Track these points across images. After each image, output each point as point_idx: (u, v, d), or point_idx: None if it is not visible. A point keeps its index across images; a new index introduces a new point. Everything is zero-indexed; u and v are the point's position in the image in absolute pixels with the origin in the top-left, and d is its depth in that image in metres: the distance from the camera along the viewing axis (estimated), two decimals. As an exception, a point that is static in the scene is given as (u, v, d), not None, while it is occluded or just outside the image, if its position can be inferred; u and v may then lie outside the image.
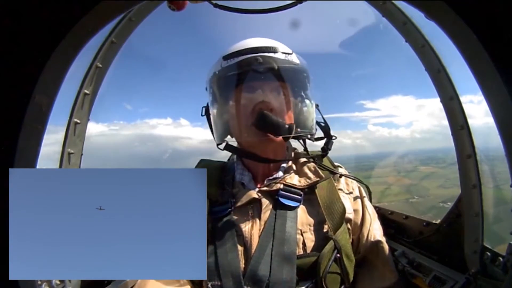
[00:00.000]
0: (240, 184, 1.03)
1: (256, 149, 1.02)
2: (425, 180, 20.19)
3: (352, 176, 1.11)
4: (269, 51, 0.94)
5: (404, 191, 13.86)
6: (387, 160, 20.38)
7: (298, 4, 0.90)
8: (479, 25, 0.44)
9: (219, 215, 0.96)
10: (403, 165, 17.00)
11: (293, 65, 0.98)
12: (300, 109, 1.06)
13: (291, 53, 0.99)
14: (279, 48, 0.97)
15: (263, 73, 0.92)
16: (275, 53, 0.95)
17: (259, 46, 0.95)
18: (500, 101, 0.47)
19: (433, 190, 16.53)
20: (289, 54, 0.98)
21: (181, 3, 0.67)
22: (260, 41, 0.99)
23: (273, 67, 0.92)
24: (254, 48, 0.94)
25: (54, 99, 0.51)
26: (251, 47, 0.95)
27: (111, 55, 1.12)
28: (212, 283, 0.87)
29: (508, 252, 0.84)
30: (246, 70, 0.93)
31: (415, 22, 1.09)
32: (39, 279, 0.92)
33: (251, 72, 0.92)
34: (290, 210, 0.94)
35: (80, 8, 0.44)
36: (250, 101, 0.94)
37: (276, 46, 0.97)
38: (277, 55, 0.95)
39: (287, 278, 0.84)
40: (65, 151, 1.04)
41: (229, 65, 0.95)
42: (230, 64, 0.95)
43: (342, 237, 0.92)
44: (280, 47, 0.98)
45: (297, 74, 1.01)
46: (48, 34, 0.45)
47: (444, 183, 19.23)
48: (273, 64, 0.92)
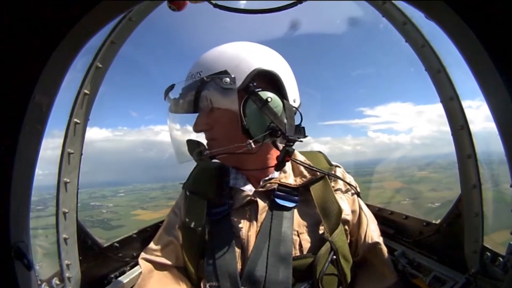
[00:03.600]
0: (236, 187, 1.02)
1: (235, 163, 1.03)
2: (418, 184, 20.77)
3: (340, 177, 1.07)
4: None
5: (397, 194, 14.28)
6: (386, 165, 20.81)
7: (298, 4, 0.90)
8: (479, 25, 0.44)
9: (217, 217, 0.96)
10: (400, 171, 17.34)
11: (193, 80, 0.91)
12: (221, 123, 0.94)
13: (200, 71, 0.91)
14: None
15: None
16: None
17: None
18: (500, 101, 0.47)
19: (425, 193, 17.12)
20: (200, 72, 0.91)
21: (181, 3, 0.67)
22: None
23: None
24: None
25: (54, 99, 0.51)
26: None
27: (111, 55, 1.12)
28: (209, 284, 0.88)
29: (508, 252, 0.84)
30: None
31: (415, 22, 1.09)
32: (39, 279, 0.92)
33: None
34: (286, 210, 0.94)
35: (80, 8, 0.44)
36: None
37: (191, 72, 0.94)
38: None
39: (283, 278, 0.84)
40: (65, 151, 1.04)
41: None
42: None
43: (338, 238, 0.93)
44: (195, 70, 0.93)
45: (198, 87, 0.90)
46: (48, 34, 0.45)
47: (436, 187, 19.98)
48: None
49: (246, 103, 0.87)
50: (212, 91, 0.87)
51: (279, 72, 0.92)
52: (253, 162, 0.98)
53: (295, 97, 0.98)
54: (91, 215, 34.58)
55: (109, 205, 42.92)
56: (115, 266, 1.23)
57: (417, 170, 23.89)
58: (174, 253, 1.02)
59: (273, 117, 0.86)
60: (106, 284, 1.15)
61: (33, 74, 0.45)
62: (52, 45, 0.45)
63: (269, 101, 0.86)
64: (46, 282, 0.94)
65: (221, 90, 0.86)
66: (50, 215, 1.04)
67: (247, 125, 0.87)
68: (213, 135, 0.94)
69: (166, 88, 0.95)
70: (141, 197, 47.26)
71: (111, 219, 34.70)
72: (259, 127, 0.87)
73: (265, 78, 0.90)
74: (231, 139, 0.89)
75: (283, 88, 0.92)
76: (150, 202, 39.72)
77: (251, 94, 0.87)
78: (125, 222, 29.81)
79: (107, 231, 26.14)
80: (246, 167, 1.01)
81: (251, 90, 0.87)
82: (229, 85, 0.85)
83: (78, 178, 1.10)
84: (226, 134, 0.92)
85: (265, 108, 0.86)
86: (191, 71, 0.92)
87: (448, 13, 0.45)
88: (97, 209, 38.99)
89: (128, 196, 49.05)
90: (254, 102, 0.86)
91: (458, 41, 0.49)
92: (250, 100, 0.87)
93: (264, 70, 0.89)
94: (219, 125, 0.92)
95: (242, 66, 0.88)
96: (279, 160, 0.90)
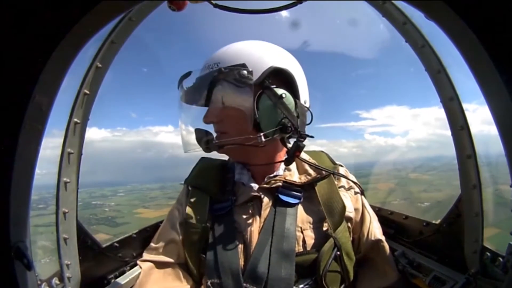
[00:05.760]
0: (240, 183, 1.03)
1: (242, 157, 1.03)
2: (410, 185, 21.22)
3: (346, 177, 1.09)
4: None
5: (389, 195, 14.64)
6: (381, 167, 21.13)
7: (298, 4, 0.90)
8: (479, 25, 0.44)
9: (220, 213, 0.96)
10: (394, 173, 17.61)
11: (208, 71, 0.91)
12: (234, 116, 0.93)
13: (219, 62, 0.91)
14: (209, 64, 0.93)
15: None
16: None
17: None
18: (500, 101, 0.47)
19: (415, 194, 17.55)
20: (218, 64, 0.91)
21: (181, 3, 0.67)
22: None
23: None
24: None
25: (54, 99, 0.51)
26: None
27: (111, 55, 1.12)
28: (211, 281, 0.87)
29: (508, 252, 0.84)
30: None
31: (415, 22, 1.09)
32: (39, 279, 0.92)
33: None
34: (290, 207, 0.94)
35: (80, 8, 0.44)
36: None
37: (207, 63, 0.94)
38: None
39: (286, 275, 0.84)
40: (65, 151, 1.04)
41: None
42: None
43: (342, 235, 0.92)
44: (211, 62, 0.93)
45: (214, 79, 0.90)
46: (48, 34, 0.45)
47: (427, 188, 20.49)
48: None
49: (259, 98, 0.89)
50: (228, 82, 0.88)
51: (293, 72, 0.94)
52: (260, 157, 0.99)
53: (305, 98, 1.00)
54: (95, 213, 34.94)
55: (111, 204, 43.11)
56: (115, 266, 1.23)
57: (411, 172, 24.39)
58: (175, 250, 1.01)
59: (286, 113, 0.89)
60: (106, 284, 1.15)
61: (33, 74, 0.45)
62: (52, 45, 0.45)
63: (283, 97, 0.88)
64: (46, 282, 0.94)
65: (237, 83, 0.87)
66: (52, 213, 1.04)
67: (258, 118, 0.89)
68: (224, 128, 0.95)
69: (180, 76, 0.95)
70: (141, 196, 47.49)
71: (115, 217, 34.89)
72: (270, 122, 0.89)
73: (279, 76, 0.92)
74: (241, 133, 0.91)
75: (296, 88, 0.94)
76: (151, 201, 39.95)
77: (266, 89, 0.89)
78: (128, 219, 30.04)
79: (113, 228, 26.40)
80: (252, 161, 1.02)
81: (266, 85, 0.89)
82: (246, 78, 0.86)
83: (78, 178, 1.10)
84: (236, 127, 0.92)
85: (279, 103, 0.88)
86: (208, 62, 0.93)
87: (448, 13, 0.45)
88: (99, 207, 39.18)
89: (128, 196, 49.21)
90: (269, 97, 0.88)
91: (458, 41, 0.49)
92: (265, 95, 0.89)
93: (280, 68, 0.92)
94: (230, 118, 0.93)
95: (260, 62, 0.90)
96: (290, 154, 0.91)
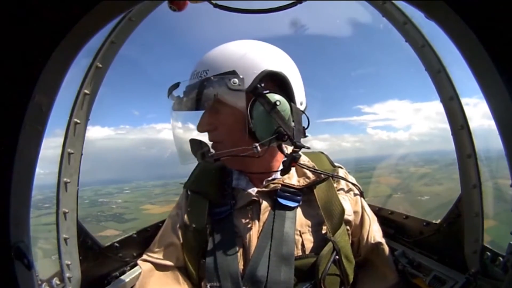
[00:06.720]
0: (239, 188, 1.02)
1: (239, 166, 1.01)
2: (411, 179, 21.28)
3: (345, 178, 1.08)
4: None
5: (390, 188, 14.67)
6: (383, 162, 21.22)
7: (298, 4, 0.90)
8: (479, 25, 0.44)
9: (219, 217, 0.96)
10: (396, 167, 17.74)
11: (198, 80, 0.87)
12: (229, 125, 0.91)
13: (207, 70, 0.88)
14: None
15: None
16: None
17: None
18: (500, 101, 0.47)
19: (416, 188, 17.55)
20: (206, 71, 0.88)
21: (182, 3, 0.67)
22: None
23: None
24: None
25: (54, 99, 0.51)
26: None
27: (111, 55, 1.11)
28: (211, 284, 0.87)
29: (508, 252, 0.84)
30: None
31: (415, 22, 1.09)
32: (39, 279, 0.92)
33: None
34: (289, 210, 0.94)
35: (80, 8, 0.44)
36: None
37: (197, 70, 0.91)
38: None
39: (285, 279, 0.84)
40: (65, 151, 1.04)
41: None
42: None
43: (341, 238, 0.92)
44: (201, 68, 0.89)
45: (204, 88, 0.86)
46: (48, 34, 0.45)
47: (427, 182, 20.48)
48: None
49: (253, 105, 0.85)
50: (218, 91, 0.84)
51: (288, 74, 0.90)
52: (257, 165, 0.97)
53: (302, 99, 0.96)
54: (102, 210, 35.05)
55: (117, 201, 43.15)
56: (115, 266, 1.23)
57: (412, 166, 24.40)
58: (175, 253, 1.01)
59: (281, 122, 0.84)
60: (106, 284, 1.15)
61: (33, 74, 0.45)
62: (52, 45, 0.45)
63: (278, 105, 0.83)
64: (46, 282, 0.94)
65: (228, 91, 0.83)
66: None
67: (253, 127, 0.85)
68: (218, 137, 0.92)
69: (170, 86, 0.93)
70: (146, 193, 47.50)
71: (123, 213, 34.95)
72: (266, 130, 0.85)
73: (273, 79, 0.88)
74: (236, 142, 0.87)
75: (291, 91, 0.90)
76: (157, 197, 40.01)
77: (259, 96, 0.84)
78: (136, 215, 30.13)
79: (122, 224, 26.50)
80: (250, 170, 1.01)
81: (259, 92, 0.84)
82: (237, 86, 0.82)
83: (79, 178, 1.10)
84: (231, 136, 0.90)
85: (273, 111, 0.83)
86: (197, 69, 0.89)
87: (448, 13, 0.45)
88: (106, 205, 39.23)
89: (134, 193, 49.22)
90: (262, 105, 0.84)
91: (458, 41, 0.49)
92: (258, 102, 0.84)
93: (273, 71, 0.87)
94: (224, 126, 0.90)
95: (251, 66, 0.85)
96: (285, 165, 0.88)
